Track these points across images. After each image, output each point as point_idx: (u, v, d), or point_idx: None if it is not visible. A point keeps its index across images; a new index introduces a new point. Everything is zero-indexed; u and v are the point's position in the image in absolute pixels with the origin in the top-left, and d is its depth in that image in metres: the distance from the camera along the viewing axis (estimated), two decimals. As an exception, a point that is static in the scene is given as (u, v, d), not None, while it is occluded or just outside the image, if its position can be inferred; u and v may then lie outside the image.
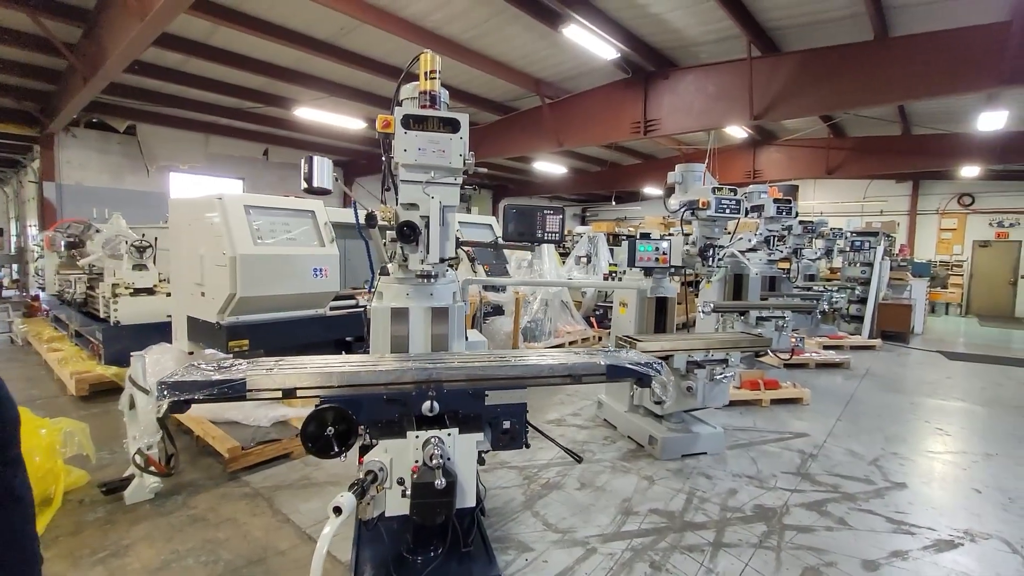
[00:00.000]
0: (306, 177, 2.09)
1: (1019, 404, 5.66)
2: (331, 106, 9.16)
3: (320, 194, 2.16)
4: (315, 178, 2.10)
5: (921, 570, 2.65)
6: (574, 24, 6.17)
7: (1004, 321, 13.23)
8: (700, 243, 3.86)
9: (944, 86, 5.77)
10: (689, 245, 3.94)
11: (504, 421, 2.15)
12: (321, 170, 2.11)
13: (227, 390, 1.88)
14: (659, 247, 3.32)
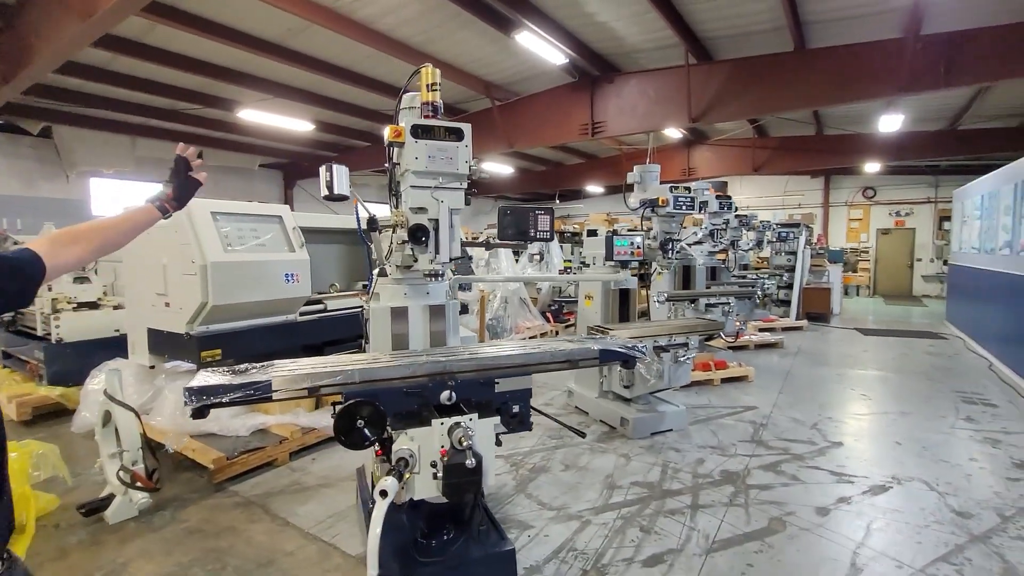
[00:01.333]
0: (328, 184, 2.17)
1: (922, 370, 6.53)
2: (277, 108, 8.88)
3: (338, 200, 2.24)
4: (336, 185, 2.18)
5: (862, 511, 3.11)
6: (526, 31, 6.42)
7: (904, 299, 14.93)
8: (660, 237, 4.20)
9: (853, 93, 6.53)
10: (651, 240, 4.28)
11: (513, 406, 2.33)
12: (340, 177, 2.19)
13: (253, 392, 1.95)
14: (634, 242, 3.62)
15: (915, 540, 2.80)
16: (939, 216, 15.21)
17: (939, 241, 15.18)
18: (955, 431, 4.39)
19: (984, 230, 7.58)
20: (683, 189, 4.04)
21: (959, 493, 3.31)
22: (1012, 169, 6.48)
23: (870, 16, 5.92)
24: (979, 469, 3.66)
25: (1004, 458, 3.85)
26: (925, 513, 3.08)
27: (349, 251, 5.76)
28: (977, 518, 3.02)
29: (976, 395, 5.40)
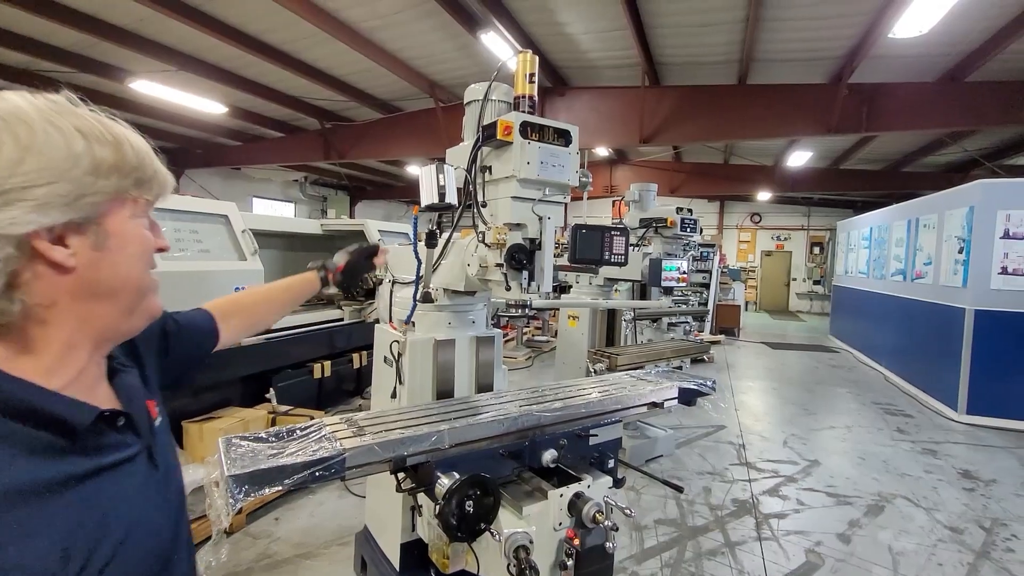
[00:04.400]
0: (440, 191, 1.65)
1: (836, 383, 7.25)
2: (180, 83, 7.47)
3: (444, 211, 1.73)
4: (449, 192, 1.68)
5: (875, 535, 3.20)
6: (493, 31, 6.07)
7: (784, 314, 16.90)
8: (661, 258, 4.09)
9: (788, 129, 7.14)
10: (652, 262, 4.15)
11: (608, 460, 1.98)
12: (451, 182, 1.69)
13: (324, 472, 1.38)
14: (681, 267, 3.44)
15: (935, 562, 2.92)
16: (811, 242, 17.50)
17: (810, 264, 17.44)
18: (897, 444, 4.83)
19: (874, 258, 8.72)
20: (687, 211, 3.98)
21: (939, 507, 3.57)
22: (905, 207, 7.50)
23: (808, 61, 6.49)
24: (938, 481, 4.01)
25: (948, 468, 4.28)
26: (925, 532, 3.25)
27: (299, 258, 4.94)
28: (968, 532, 3.25)
29: (892, 406, 6.07)
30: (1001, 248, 5.36)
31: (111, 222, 0.62)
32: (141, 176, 0.65)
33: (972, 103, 6.33)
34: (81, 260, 0.59)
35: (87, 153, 0.59)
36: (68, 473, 0.56)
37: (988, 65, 5.93)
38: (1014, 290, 5.30)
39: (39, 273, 0.57)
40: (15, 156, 0.53)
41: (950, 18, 4.79)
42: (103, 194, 0.60)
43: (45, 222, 0.55)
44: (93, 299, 0.62)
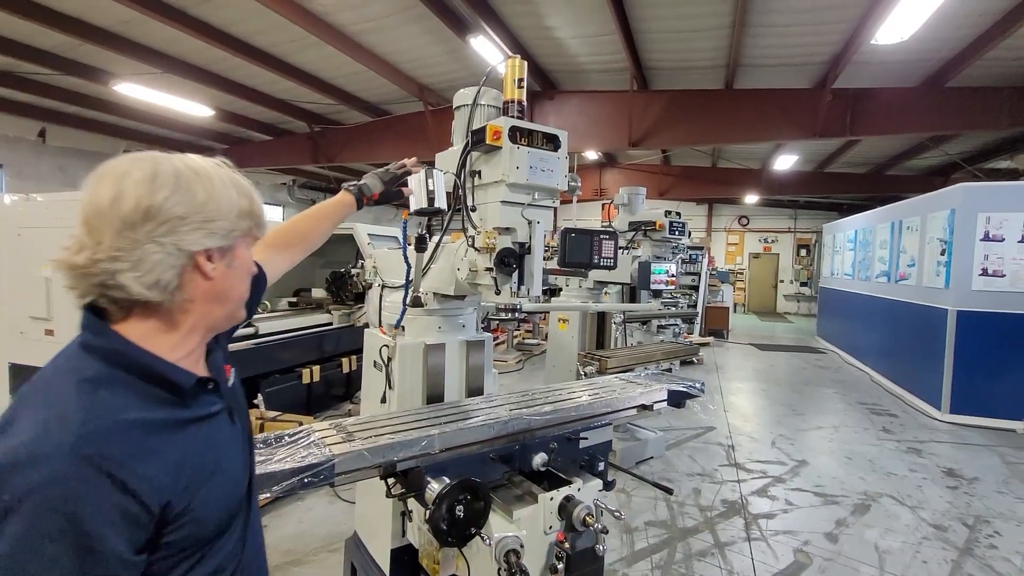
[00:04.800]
0: (430, 195, 1.66)
1: (823, 383, 7.34)
2: (164, 85, 7.39)
3: (434, 215, 1.74)
4: (438, 197, 1.69)
5: (862, 533, 3.24)
6: (482, 35, 6.09)
7: (772, 316, 17.08)
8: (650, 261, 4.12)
9: (774, 133, 7.23)
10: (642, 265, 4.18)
11: (598, 463, 1.99)
12: (440, 187, 1.70)
13: (312, 479, 1.37)
14: (669, 270, 3.46)
15: (920, 560, 2.96)
16: (797, 244, 17.71)
17: (797, 266, 17.66)
18: (883, 443, 4.90)
19: (859, 260, 8.85)
20: (675, 214, 4.02)
21: (924, 506, 3.62)
22: (889, 210, 7.63)
23: (793, 66, 6.58)
24: (923, 480, 4.08)
25: (932, 467, 4.35)
26: (910, 530, 3.30)
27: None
28: (951, 530, 3.30)
29: (877, 406, 6.16)
30: (982, 250, 5.47)
31: (238, 250, 0.87)
32: (260, 220, 0.91)
33: (952, 108, 6.46)
34: (217, 274, 0.83)
35: (238, 202, 0.85)
36: (175, 418, 0.78)
37: (968, 71, 6.06)
38: (994, 291, 5.41)
39: (192, 278, 0.80)
40: (203, 200, 0.79)
41: (930, 25, 4.89)
42: (240, 231, 0.86)
43: (209, 244, 0.80)
44: (214, 302, 0.85)
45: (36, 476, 0.63)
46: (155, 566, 0.72)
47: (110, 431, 0.69)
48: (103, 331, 0.77)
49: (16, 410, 0.70)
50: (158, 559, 0.72)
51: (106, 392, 0.72)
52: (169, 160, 0.80)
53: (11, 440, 0.66)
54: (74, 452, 0.65)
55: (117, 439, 0.69)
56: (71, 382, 0.71)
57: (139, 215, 0.74)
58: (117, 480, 0.66)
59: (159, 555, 0.72)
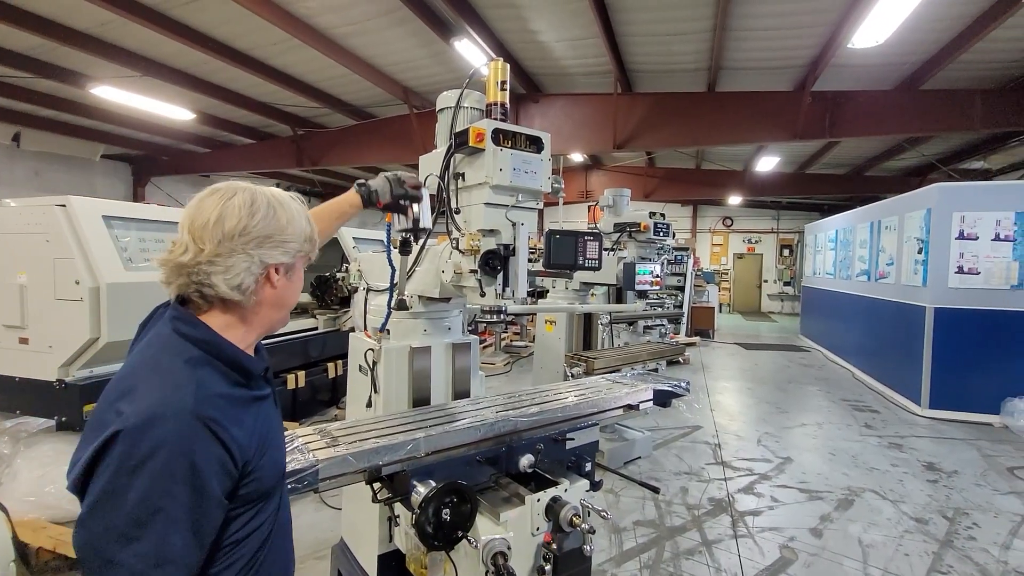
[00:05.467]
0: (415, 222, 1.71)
1: (808, 381, 7.45)
2: (143, 88, 7.26)
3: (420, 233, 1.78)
4: (423, 219, 1.73)
5: (846, 528, 3.29)
6: (466, 38, 6.10)
7: (756, 315, 17.29)
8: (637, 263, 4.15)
9: (756, 135, 7.33)
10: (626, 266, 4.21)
11: (585, 463, 1.99)
12: (425, 209, 1.73)
13: (298, 485, 1.36)
14: (654, 271, 3.48)
15: (902, 552, 3.01)
16: (780, 244, 17.97)
17: (780, 266, 17.91)
18: (865, 439, 4.98)
19: (840, 259, 9.01)
20: (659, 215, 4.05)
21: (906, 499, 3.69)
22: (868, 210, 7.78)
23: (773, 69, 6.69)
24: (904, 474, 4.15)
25: (913, 461, 4.43)
26: (892, 523, 3.36)
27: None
28: (932, 523, 3.37)
29: (859, 403, 6.27)
30: (957, 248, 5.60)
31: (297, 266, 1.06)
32: (315, 243, 1.09)
33: (927, 110, 6.62)
34: (281, 284, 1.02)
35: (306, 229, 1.04)
36: (248, 396, 0.97)
37: (942, 74, 6.21)
38: (970, 288, 5.54)
39: (264, 285, 0.99)
40: (284, 224, 0.99)
41: (904, 29, 5.01)
42: (304, 252, 1.05)
43: (283, 260, 1.00)
44: (275, 307, 1.04)
45: (166, 430, 0.79)
46: (233, 511, 0.90)
47: (213, 399, 0.86)
48: (196, 323, 0.95)
49: (131, 380, 0.87)
50: (234, 506, 0.90)
51: (204, 370, 0.89)
52: (262, 191, 1.00)
53: (140, 403, 0.81)
54: (193, 413, 0.82)
55: (217, 405, 0.86)
56: (179, 360, 0.89)
57: (238, 231, 0.92)
58: (219, 438, 0.84)
59: (236, 503, 0.90)
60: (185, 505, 0.79)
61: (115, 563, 0.75)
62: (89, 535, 0.77)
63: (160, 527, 0.77)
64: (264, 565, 1.00)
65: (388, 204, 1.75)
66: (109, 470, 0.77)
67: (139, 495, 0.76)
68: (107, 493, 0.77)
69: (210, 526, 0.84)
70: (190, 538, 0.80)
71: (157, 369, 0.88)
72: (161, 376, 0.86)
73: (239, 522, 0.92)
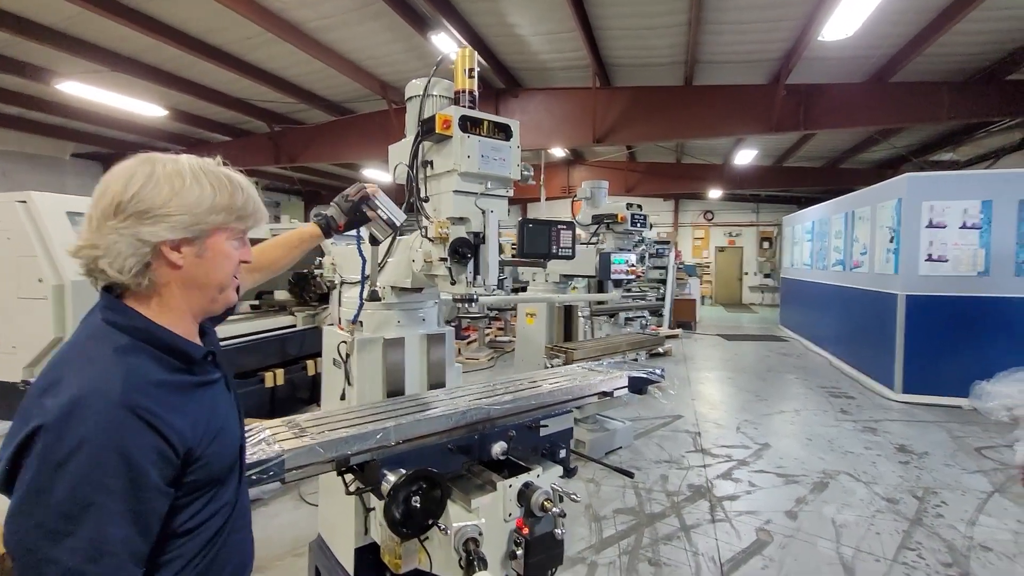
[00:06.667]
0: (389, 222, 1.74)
1: (787, 370, 7.58)
2: (113, 84, 7.08)
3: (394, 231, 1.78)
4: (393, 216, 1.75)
5: (821, 510, 3.36)
6: (443, 32, 6.06)
7: (738, 307, 17.55)
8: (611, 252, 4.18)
9: (732, 128, 7.44)
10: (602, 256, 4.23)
11: (559, 450, 2.00)
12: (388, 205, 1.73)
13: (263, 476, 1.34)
14: (629, 260, 3.51)
15: (874, 532, 3.09)
16: (760, 237, 18.25)
17: (760, 258, 18.19)
18: (841, 424, 5.09)
19: (817, 250, 9.18)
20: (636, 207, 4.08)
21: (878, 481, 3.79)
22: (842, 201, 7.94)
23: (748, 63, 6.78)
24: (877, 456, 4.26)
25: (886, 444, 4.55)
26: (865, 504, 3.44)
27: (245, 265, 4.76)
28: (902, 502, 3.46)
29: (836, 389, 6.40)
30: (927, 237, 5.75)
31: (212, 242, 0.95)
32: (242, 214, 0.98)
33: (896, 103, 6.77)
34: (187, 262, 0.93)
35: (209, 198, 0.92)
36: (188, 382, 0.93)
37: (910, 67, 6.36)
38: (939, 275, 5.69)
39: (161, 265, 0.91)
40: (168, 196, 0.89)
41: (871, 22, 5.11)
42: (211, 224, 0.93)
43: (172, 237, 0.89)
44: (191, 287, 0.95)
45: (90, 423, 0.76)
46: (181, 499, 0.88)
47: (145, 387, 0.83)
48: (124, 310, 0.91)
49: (57, 373, 0.84)
50: (182, 495, 0.88)
51: (135, 358, 0.86)
52: (155, 161, 0.92)
53: (63, 396, 0.78)
54: (121, 403, 0.79)
55: (150, 394, 0.83)
56: (108, 349, 0.85)
57: (111, 210, 0.87)
58: (153, 427, 0.81)
59: (183, 491, 0.88)
60: (122, 497, 0.77)
61: (48, 560, 0.74)
62: (19, 532, 0.75)
63: (94, 521, 0.75)
64: (220, 555, 0.98)
65: (348, 223, 1.72)
66: (33, 466, 0.75)
67: (67, 490, 0.74)
68: (33, 490, 0.75)
69: (154, 516, 0.82)
70: (131, 530, 0.78)
71: (83, 360, 0.85)
72: (87, 367, 0.83)
73: (190, 511, 0.90)
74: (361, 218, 1.73)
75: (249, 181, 1.02)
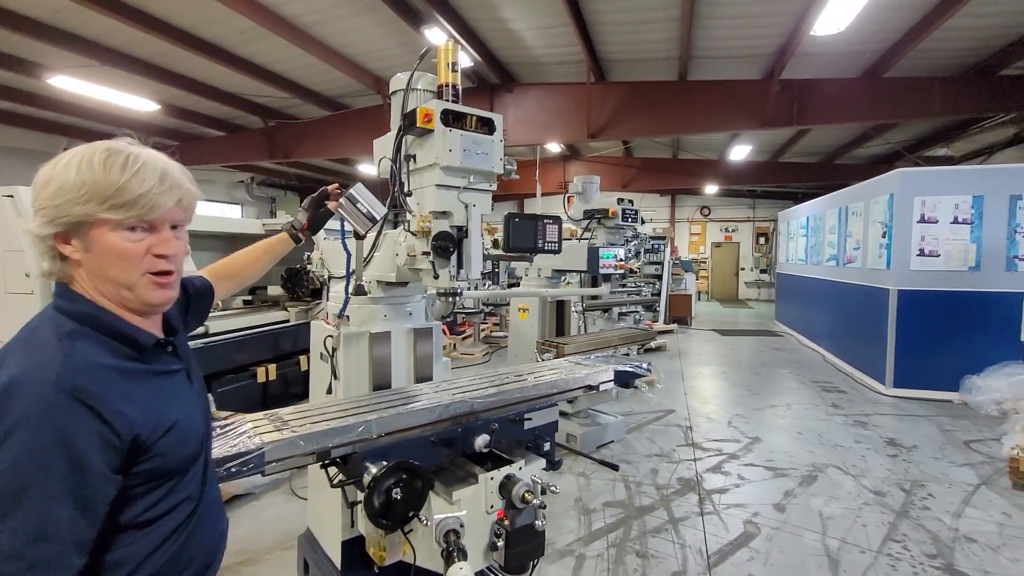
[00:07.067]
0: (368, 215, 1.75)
1: (780, 364, 7.62)
2: (104, 78, 7.02)
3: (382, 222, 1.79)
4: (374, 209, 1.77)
5: (808, 503, 3.39)
6: (436, 26, 6.04)
7: (734, 302, 17.58)
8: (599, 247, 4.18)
9: (726, 123, 7.43)
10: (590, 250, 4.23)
11: (544, 443, 2.02)
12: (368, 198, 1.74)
13: (241, 468, 1.35)
14: (618, 255, 3.51)
15: (860, 523, 3.12)
16: (757, 233, 18.27)
17: (757, 253, 18.22)
18: (832, 418, 5.12)
19: (811, 245, 9.20)
20: (628, 202, 4.09)
21: (866, 474, 3.82)
22: (836, 197, 7.95)
23: (742, 58, 6.77)
24: (867, 450, 4.29)
25: (876, 438, 4.58)
26: (852, 497, 3.47)
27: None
28: (889, 495, 3.49)
29: (828, 384, 6.44)
30: (919, 232, 5.76)
31: (93, 234, 0.88)
32: (116, 202, 0.87)
33: (890, 98, 6.77)
34: (81, 256, 0.89)
35: (71, 189, 0.85)
36: (143, 369, 0.93)
37: (903, 62, 6.36)
38: (930, 270, 5.71)
39: (63, 256, 0.89)
40: (40, 188, 0.87)
41: (863, 18, 5.11)
42: (76, 216, 0.86)
43: (49, 231, 0.87)
44: (97, 280, 0.91)
45: (27, 404, 0.77)
46: (134, 489, 0.87)
47: (87, 371, 0.83)
48: (75, 297, 0.91)
49: (3, 356, 0.84)
50: (134, 484, 0.87)
51: (82, 343, 0.86)
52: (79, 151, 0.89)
53: (2, 378, 0.79)
54: (56, 386, 0.78)
55: (93, 378, 0.82)
56: (52, 334, 0.85)
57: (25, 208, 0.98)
58: (94, 410, 0.80)
59: (135, 481, 0.86)
60: (63, 479, 0.76)
61: None
62: None
63: (35, 503, 0.75)
64: (184, 551, 0.97)
65: (310, 222, 1.74)
66: None
67: (4, 471, 0.74)
68: None
69: (99, 501, 0.81)
70: (75, 513, 0.78)
71: (28, 344, 0.86)
72: (29, 350, 0.84)
73: (144, 502, 0.89)
74: (323, 216, 1.76)
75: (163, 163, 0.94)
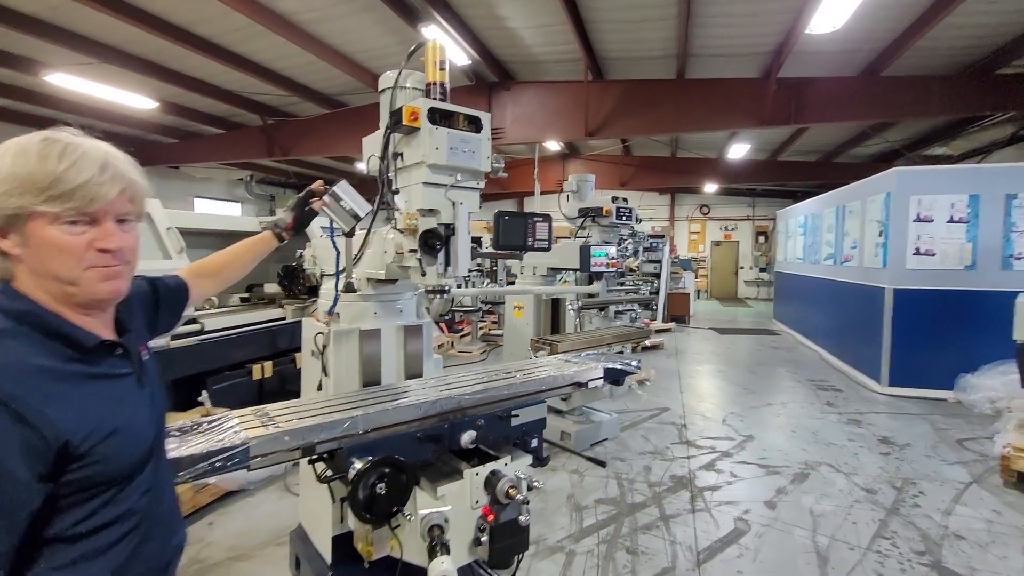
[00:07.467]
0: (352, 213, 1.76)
1: (776, 363, 7.63)
2: (102, 76, 7.03)
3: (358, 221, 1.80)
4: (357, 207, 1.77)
5: (800, 500, 3.40)
6: (434, 24, 6.04)
7: (733, 301, 17.59)
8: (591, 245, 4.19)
9: (724, 121, 7.43)
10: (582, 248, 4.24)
11: (531, 440, 2.03)
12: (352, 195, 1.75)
13: (225, 463, 1.36)
14: (609, 253, 3.52)
15: (851, 521, 3.13)
16: (756, 231, 18.26)
17: (756, 252, 18.21)
18: (826, 416, 5.14)
19: (809, 244, 9.20)
20: (622, 200, 4.09)
21: (858, 472, 3.83)
22: (833, 195, 7.95)
23: (740, 56, 6.77)
24: (859, 448, 4.30)
25: (870, 436, 4.59)
26: (844, 494, 3.48)
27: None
28: (880, 493, 3.50)
29: (824, 382, 6.45)
30: (915, 231, 5.77)
31: (30, 228, 0.84)
32: (53, 194, 0.83)
33: (888, 96, 6.77)
34: (20, 252, 0.86)
35: (7, 179, 0.82)
36: (82, 372, 0.88)
37: (900, 61, 6.35)
38: (926, 269, 5.72)
39: (3, 252, 0.86)
40: None
41: (859, 15, 5.10)
42: (11, 208, 0.82)
43: None
44: (39, 276, 0.87)
45: None
46: (65, 500, 0.82)
47: (12, 372, 0.78)
48: (14, 294, 0.88)
49: None
50: (66, 493, 0.82)
51: (13, 341, 0.82)
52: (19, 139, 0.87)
53: None
54: None
55: (19, 380, 0.78)
56: None
57: None
58: (17, 414, 0.75)
59: (66, 490, 0.82)
60: None
61: None
62: None
63: None
64: (129, 566, 0.92)
65: (295, 221, 1.73)
66: None
67: None
68: None
69: (19, 510, 0.76)
70: None
71: None
72: None
73: (77, 513, 0.84)
74: (308, 215, 1.75)
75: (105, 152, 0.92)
